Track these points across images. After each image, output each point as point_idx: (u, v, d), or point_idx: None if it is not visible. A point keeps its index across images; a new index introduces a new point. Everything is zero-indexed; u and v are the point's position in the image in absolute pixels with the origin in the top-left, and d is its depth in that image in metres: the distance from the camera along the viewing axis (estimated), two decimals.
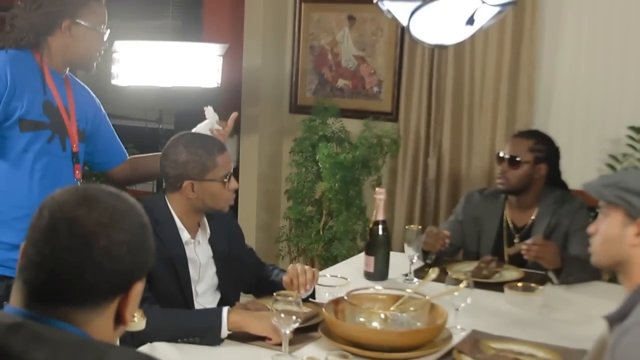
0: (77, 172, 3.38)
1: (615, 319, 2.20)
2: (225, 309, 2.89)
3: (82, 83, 3.56)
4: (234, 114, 3.76)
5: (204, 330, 2.85)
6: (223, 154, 3.18)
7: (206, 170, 3.12)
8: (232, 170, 3.22)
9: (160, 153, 3.53)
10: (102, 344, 1.49)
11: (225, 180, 3.16)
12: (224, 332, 2.85)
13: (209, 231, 3.28)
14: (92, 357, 1.43)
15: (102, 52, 3.40)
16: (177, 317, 2.92)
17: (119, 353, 1.47)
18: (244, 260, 3.43)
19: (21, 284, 1.50)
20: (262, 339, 2.84)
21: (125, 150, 3.73)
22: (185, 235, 3.17)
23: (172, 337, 2.83)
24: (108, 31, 3.37)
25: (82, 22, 3.26)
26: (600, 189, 2.36)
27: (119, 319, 1.55)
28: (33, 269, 1.48)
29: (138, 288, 1.56)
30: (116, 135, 3.70)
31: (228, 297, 3.28)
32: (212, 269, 3.28)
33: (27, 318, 1.46)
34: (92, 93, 3.61)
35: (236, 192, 3.30)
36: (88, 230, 1.47)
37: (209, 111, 3.71)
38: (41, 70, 3.25)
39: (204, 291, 3.24)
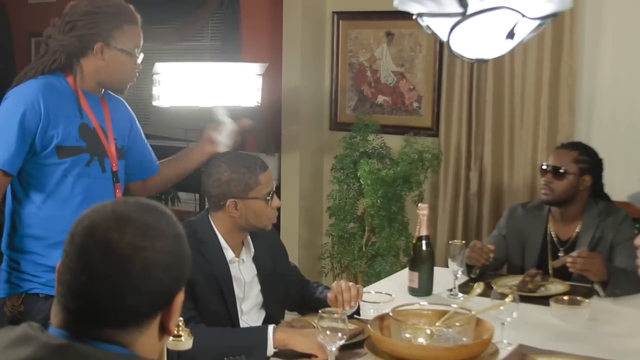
0: (117, 191, 3.37)
1: None
2: (270, 327, 2.90)
3: (117, 96, 3.51)
4: (246, 122, 3.72)
5: (250, 349, 2.86)
6: (265, 172, 3.20)
7: (249, 188, 3.14)
8: (274, 189, 3.23)
9: (170, 159, 3.66)
10: None
11: (268, 198, 3.18)
12: (270, 350, 2.86)
13: (253, 249, 3.29)
14: None
15: (137, 74, 3.36)
16: (223, 336, 2.93)
17: None
18: (288, 277, 3.44)
19: (61, 308, 1.51)
20: (308, 356, 2.84)
21: (156, 165, 3.69)
22: (229, 254, 3.19)
23: (219, 356, 2.83)
24: (142, 55, 3.35)
25: (115, 46, 3.21)
26: None
27: (163, 330, 1.56)
28: (71, 296, 1.49)
29: (179, 299, 1.56)
30: (149, 148, 3.68)
31: (273, 315, 3.29)
32: (257, 287, 3.29)
33: (71, 340, 1.47)
34: (127, 105, 3.60)
35: (278, 210, 3.31)
36: (123, 255, 1.46)
37: (220, 111, 3.68)
38: (75, 94, 3.24)
39: (249, 309, 3.25)
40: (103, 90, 3.37)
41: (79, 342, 1.46)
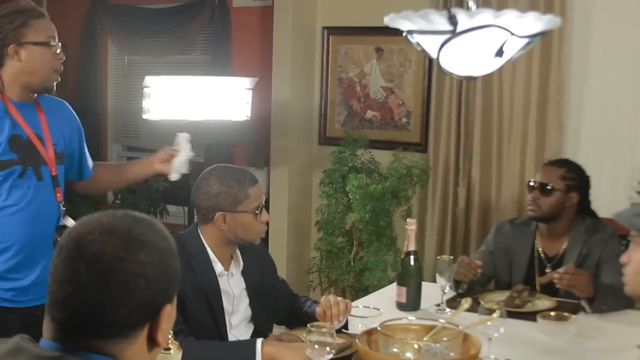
0: (58, 194, 3.33)
1: None
2: (259, 341, 2.91)
3: (56, 99, 3.44)
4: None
5: None
6: (254, 185, 3.21)
7: (238, 201, 3.15)
8: (264, 203, 3.24)
9: (121, 163, 3.57)
10: None
11: (257, 212, 3.19)
12: None
13: (242, 263, 3.30)
14: None
15: (61, 67, 3.28)
16: (212, 349, 2.94)
17: None
18: (276, 291, 3.45)
19: (50, 319, 1.52)
20: None
21: (90, 169, 3.64)
22: (218, 267, 3.20)
23: None
24: (59, 45, 3.25)
25: (27, 43, 3.16)
26: (631, 219, 2.37)
27: (152, 343, 1.55)
28: (58, 306, 1.50)
29: (166, 311, 1.55)
30: (86, 152, 3.61)
31: (261, 329, 3.30)
32: (246, 300, 3.30)
33: (63, 352, 1.48)
34: (69, 108, 3.52)
35: (267, 224, 3.32)
36: (105, 266, 1.47)
37: (183, 138, 3.67)
38: (4, 106, 3.18)
39: (238, 323, 3.26)
40: (36, 96, 3.30)
41: (71, 354, 1.47)
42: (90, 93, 7.19)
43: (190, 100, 5.09)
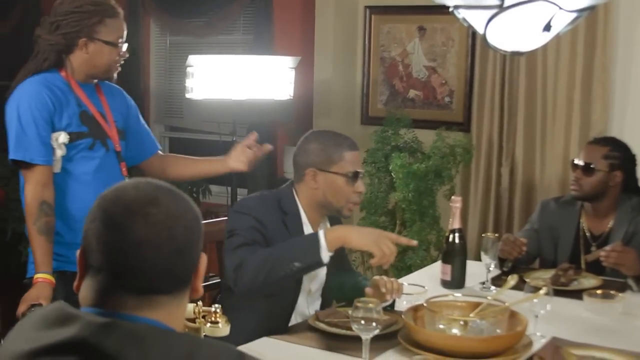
0: (123, 169, 3.60)
1: None
2: (321, 232, 2.95)
3: (112, 84, 3.70)
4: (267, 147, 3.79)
5: (304, 252, 2.92)
6: (353, 151, 3.23)
7: (331, 161, 3.17)
8: (361, 173, 3.24)
9: (194, 158, 3.83)
10: (193, 337, 1.58)
11: (350, 176, 3.19)
12: (325, 255, 2.92)
13: None
14: (184, 352, 1.47)
15: (122, 61, 3.57)
16: (276, 248, 2.98)
17: (209, 347, 1.51)
18: (344, 266, 3.47)
19: (100, 288, 1.55)
20: (345, 347, 2.85)
21: (156, 144, 3.89)
22: (308, 229, 3.22)
23: (273, 269, 2.90)
24: (126, 45, 3.53)
25: (99, 39, 3.43)
26: None
27: (193, 292, 1.65)
28: (122, 273, 1.53)
29: (204, 260, 1.65)
30: (147, 129, 3.87)
31: (328, 300, 3.33)
32: (324, 269, 3.30)
33: (114, 317, 1.50)
34: (122, 91, 3.78)
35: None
36: (166, 225, 1.55)
37: (252, 136, 3.76)
38: (70, 86, 3.46)
39: (315, 290, 3.28)
40: (96, 80, 3.59)
41: (122, 319, 1.50)
42: (133, 74, 7.20)
43: (233, 80, 5.11)
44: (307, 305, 3.28)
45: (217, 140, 6.14)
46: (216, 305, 2.34)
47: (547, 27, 2.66)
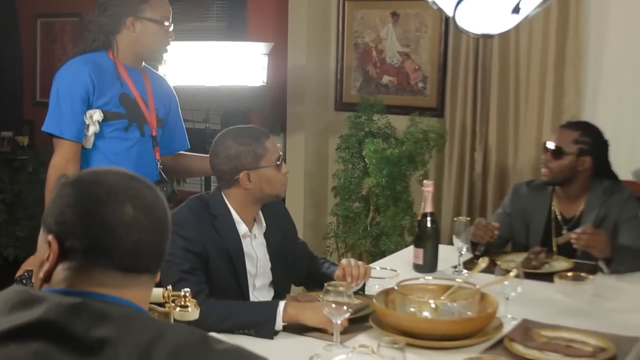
0: (157, 154, 3.74)
1: None
2: (281, 303, 2.92)
3: (159, 74, 3.94)
4: None
5: (260, 324, 2.88)
6: (269, 139, 3.22)
7: (259, 157, 3.15)
8: (281, 154, 3.26)
9: (204, 155, 3.78)
10: (160, 321, 1.56)
11: (278, 163, 3.20)
12: (279, 325, 2.88)
13: (264, 224, 3.30)
14: (151, 335, 1.46)
15: (169, 43, 3.71)
16: (234, 310, 2.94)
17: (175, 329, 1.51)
18: (296, 253, 3.46)
19: (87, 266, 1.54)
20: (317, 329, 2.86)
21: (186, 143, 4.03)
22: (242, 228, 3.20)
23: (228, 330, 2.86)
24: (172, 26, 3.68)
25: (145, 17, 3.58)
26: None
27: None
28: (114, 251, 1.54)
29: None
30: (182, 125, 4.01)
31: (280, 292, 3.31)
32: (269, 264, 3.31)
33: (86, 297, 1.49)
34: (169, 83, 3.97)
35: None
36: (152, 205, 1.59)
37: None
38: (115, 67, 3.61)
39: (261, 286, 3.27)
40: (143, 64, 3.76)
41: (93, 298, 1.49)
42: None
43: (206, 66, 5.10)
44: (260, 299, 3.26)
45: (190, 128, 6.12)
46: (186, 289, 2.33)
47: (516, 9, 2.67)
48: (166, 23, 3.64)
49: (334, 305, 2.69)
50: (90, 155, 3.58)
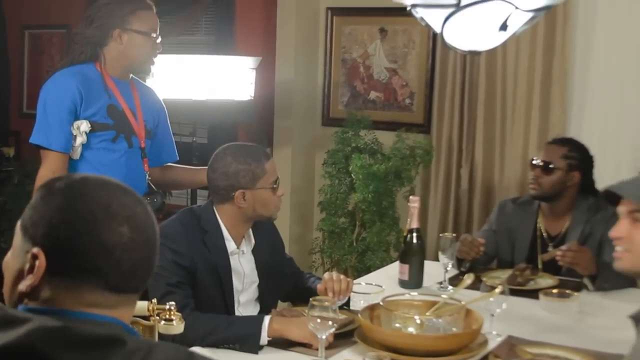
0: (145, 165, 3.73)
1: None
2: (266, 318, 2.92)
3: (147, 85, 3.94)
4: None
5: (245, 338, 2.87)
6: (269, 160, 3.22)
7: (257, 178, 3.15)
8: (278, 176, 3.25)
9: (192, 167, 3.88)
10: (145, 341, 1.52)
11: (275, 186, 3.20)
12: (264, 339, 2.88)
13: (253, 241, 3.30)
14: (138, 356, 1.42)
15: (157, 55, 3.71)
16: (218, 324, 2.93)
17: (162, 349, 1.48)
18: (284, 269, 3.46)
19: (77, 283, 1.48)
20: (302, 344, 2.86)
21: (174, 155, 4.02)
22: (231, 245, 3.20)
23: (213, 343, 2.86)
24: (159, 38, 3.68)
25: (131, 30, 3.58)
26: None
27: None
28: (107, 270, 1.50)
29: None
30: (171, 137, 3.99)
31: (266, 307, 3.31)
32: (256, 280, 3.30)
33: (69, 317, 1.45)
34: (156, 94, 3.96)
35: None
36: (146, 224, 1.56)
37: None
38: (103, 79, 3.60)
39: (246, 301, 3.27)
40: (131, 76, 3.76)
41: (78, 319, 1.46)
42: None
43: (193, 80, 5.09)
44: (245, 314, 3.25)
45: (177, 141, 6.11)
46: (171, 302, 2.32)
47: (504, 27, 2.68)
48: (153, 35, 3.64)
49: (319, 320, 2.68)
50: (77, 166, 3.56)
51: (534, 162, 4.06)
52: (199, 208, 3.32)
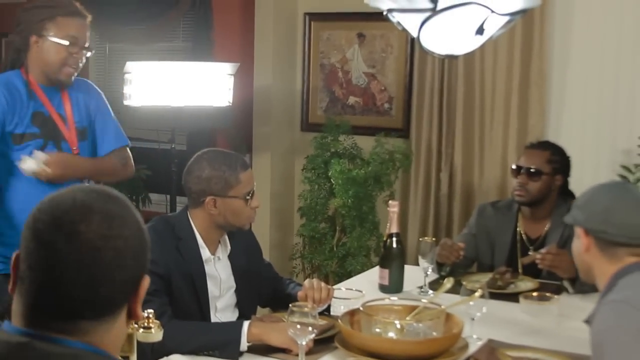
0: None
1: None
2: (245, 323, 2.91)
3: (79, 79, 3.68)
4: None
5: (224, 344, 2.86)
6: (246, 171, 3.17)
7: (229, 186, 3.12)
8: (254, 189, 3.22)
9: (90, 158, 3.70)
10: (110, 358, 1.48)
11: (248, 197, 3.16)
12: (244, 345, 2.87)
13: (229, 247, 3.29)
14: None
15: (77, 65, 3.54)
16: (197, 331, 2.92)
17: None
18: (262, 274, 3.44)
19: (26, 305, 1.45)
20: (282, 350, 2.85)
21: (115, 143, 3.77)
22: (205, 253, 3.18)
23: (192, 351, 2.84)
24: (82, 46, 3.51)
25: (47, 36, 3.45)
26: (573, 211, 2.59)
27: (131, 315, 1.55)
28: (41, 292, 1.43)
29: (145, 283, 1.55)
30: (112, 124, 3.79)
31: (245, 313, 3.29)
32: (233, 286, 3.29)
33: (33, 338, 1.42)
34: (91, 85, 3.79)
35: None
36: (93, 246, 1.43)
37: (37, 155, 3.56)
38: (27, 85, 3.48)
39: (224, 307, 3.25)
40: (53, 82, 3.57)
41: (41, 340, 1.42)
42: None
43: (171, 86, 5.08)
44: (223, 321, 3.24)
45: (155, 148, 6.10)
46: (149, 310, 2.30)
47: (480, 31, 2.68)
48: (67, 43, 3.47)
49: (299, 326, 2.67)
50: (9, 179, 3.47)
51: (518, 168, 4.05)
52: (173, 216, 3.31)
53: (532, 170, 4.00)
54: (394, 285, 3.68)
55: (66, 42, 3.46)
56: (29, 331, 1.44)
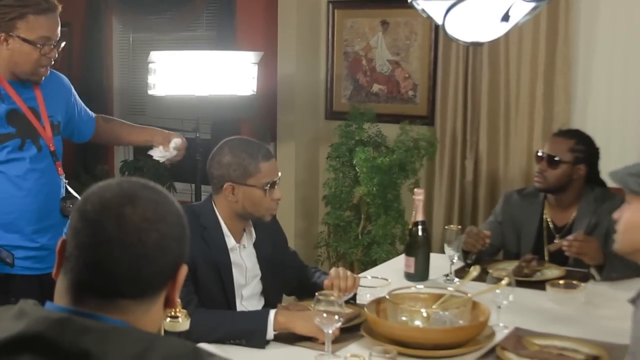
0: (59, 168, 3.50)
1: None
2: (272, 312, 2.91)
3: (51, 72, 3.54)
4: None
5: (251, 333, 2.87)
6: (268, 161, 3.17)
7: (248, 174, 3.12)
8: (277, 180, 3.20)
9: (136, 125, 3.88)
10: (149, 334, 1.52)
11: (267, 188, 3.15)
12: (270, 334, 2.87)
13: (254, 235, 3.29)
14: (140, 347, 1.44)
15: (47, 66, 3.41)
16: (224, 320, 2.93)
17: (165, 343, 1.49)
18: (287, 264, 3.45)
19: (70, 281, 1.52)
20: (308, 339, 2.85)
21: (91, 116, 3.84)
22: (231, 241, 3.19)
23: (219, 340, 2.85)
24: (52, 46, 3.37)
25: (16, 36, 3.29)
26: (625, 177, 2.40)
27: (168, 303, 1.61)
28: (85, 268, 1.50)
29: (184, 271, 1.61)
30: (83, 107, 3.81)
31: (271, 301, 3.29)
32: (258, 274, 3.29)
33: (72, 314, 1.48)
34: (62, 79, 3.70)
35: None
36: (138, 228, 1.50)
37: (176, 143, 3.80)
38: None
39: (250, 295, 3.25)
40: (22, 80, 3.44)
41: (81, 316, 1.47)
42: (96, 71, 7.19)
43: (195, 76, 5.09)
44: (249, 309, 3.24)
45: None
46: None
47: (506, 17, 2.66)
48: (42, 43, 3.32)
49: (325, 315, 2.68)
50: None
51: (539, 154, 4.04)
52: (197, 205, 3.32)
53: (552, 157, 3.98)
54: (420, 274, 3.68)
55: (41, 43, 3.32)
56: (70, 308, 1.50)
